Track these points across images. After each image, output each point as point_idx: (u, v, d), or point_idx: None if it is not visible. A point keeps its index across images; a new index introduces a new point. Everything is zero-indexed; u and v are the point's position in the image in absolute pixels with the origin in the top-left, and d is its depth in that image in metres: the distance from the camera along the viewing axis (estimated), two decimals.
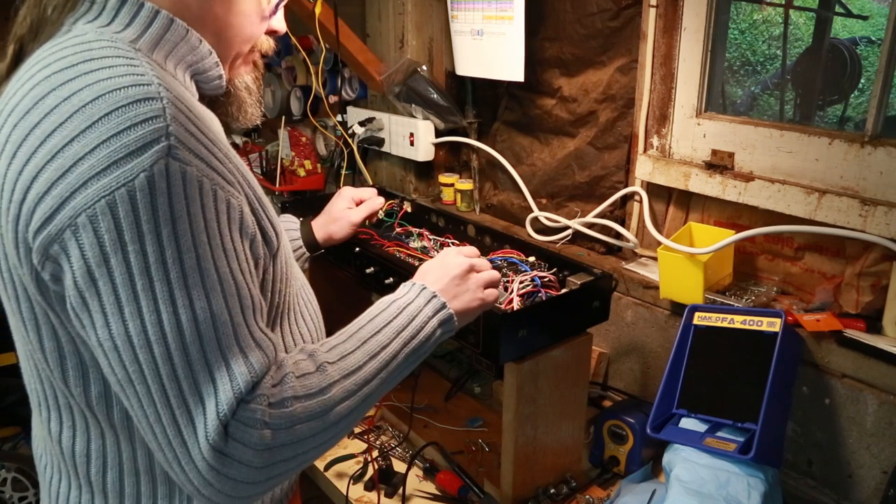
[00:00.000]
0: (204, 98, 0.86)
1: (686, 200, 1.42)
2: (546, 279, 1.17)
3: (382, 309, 0.89)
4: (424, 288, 0.92)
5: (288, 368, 0.75)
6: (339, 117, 2.08)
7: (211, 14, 0.80)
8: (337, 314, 1.66)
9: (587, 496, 1.19)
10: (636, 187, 1.48)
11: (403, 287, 0.93)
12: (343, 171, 2.07)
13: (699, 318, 1.23)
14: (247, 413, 0.69)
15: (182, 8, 0.78)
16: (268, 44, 0.92)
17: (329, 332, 0.89)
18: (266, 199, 0.85)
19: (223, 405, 0.68)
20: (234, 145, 2.59)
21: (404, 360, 0.86)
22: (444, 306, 0.91)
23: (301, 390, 0.74)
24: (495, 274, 1.00)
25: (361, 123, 1.97)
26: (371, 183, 2.02)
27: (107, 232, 0.64)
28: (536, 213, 1.69)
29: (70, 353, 0.74)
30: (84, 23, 0.75)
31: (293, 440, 0.73)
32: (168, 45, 0.77)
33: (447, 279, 0.94)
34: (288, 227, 1.31)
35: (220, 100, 0.90)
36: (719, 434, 1.13)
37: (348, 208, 1.34)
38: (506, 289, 1.15)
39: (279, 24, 0.90)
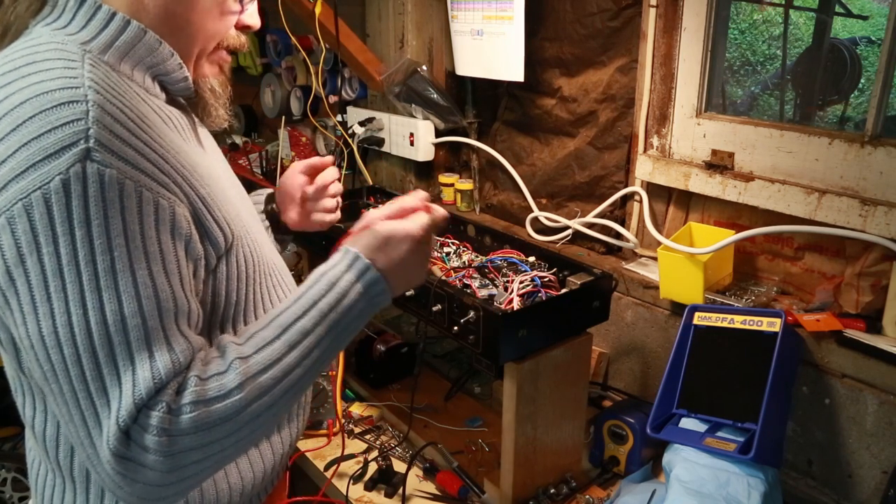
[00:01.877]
0: (174, 101, 0.88)
1: (686, 200, 1.42)
2: (546, 279, 1.17)
3: (310, 285, 0.83)
4: (358, 257, 0.84)
5: (194, 372, 0.73)
6: (339, 117, 2.08)
7: (168, 12, 0.80)
8: None
9: (587, 496, 1.19)
10: (636, 187, 1.48)
11: (338, 254, 0.86)
12: (343, 171, 2.07)
13: (699, 318, 1.23)
14: (146, 419, 0.69)
15: (139, 8, 0.79)
16: (237, 40, 0.90)
17: None
18: (223, 198, 0.84)
19: (123, 411, 0.68)
20: (234, 145, 2.59)
21: (332, 342, 0.82)
22: (377, 278, 0.84)
23: (206, 394, 0.72)
24: (443, 212, 0.94)
25: (361, 123, 1.97)
26: (371, 183, 2.02)
27: (23, 234, 0.66)
28: (536, 213, 1.69)
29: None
30: (43, 25, 0.77)
31: (200, 444, 0.72)
32: (124, 46, 0.78)
33: (381, 243, 0.86)
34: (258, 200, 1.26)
35: (192, 101, 0.91)
36: (719, 434, 1.13)
37: (300, 185, 1.23)
38: (506, 289, 1.15)
39: (251, 19, 0.89)
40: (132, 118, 0.73)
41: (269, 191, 1.28)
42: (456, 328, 1.08)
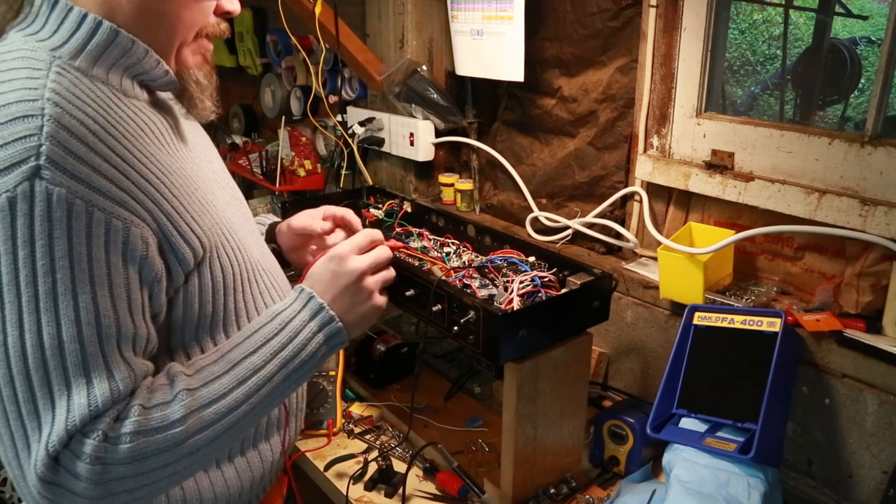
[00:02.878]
0: (157, 101, 0.86)
1: (686, 200, 1.42)
2: (546, 279, 1.17)
3: (264, 323, 0.84)
4: (312, 297, 0.86)
5: (138, 400, 0.72)
6: (339, 117, 2.08)
7: (142, 7, 0.79)
8: None
9: (587, 496, 1.19)
10: (636, 187, 1.48)
11: (293, 293, 0.88)
12: (343, 171, 2.07)
13: (699, 318, 1.23)
14: (80, 447, 0.68)
15: (112, 6, 0.77)
16: (217, 27, 0.88)
17: None
18: (200, 206, 0.82)
19: (54, 436, 0.67)
20: (234, 145, 2.59)
21: (283, 381, 0.82)
22: (332, 319, 0.86)
23: (147, 424, 0.71)
24: (391, 273, 0.95)
25: (361, 123, 1.97)
26: (371, 183, 2.01)
27: None
28: (536, 213, 1.69)
29: None
30: (16, 31, 0.76)
31: (134, 473, 0.71)
32: (95, 50, 0.76)
33: (337, 287, 0.88)
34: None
35: (178, 94, 0.89)
36: (719, 434, 1.13)
37: (319, 236, 1.15)
38: (506, 289, 1.15)
39: (231, 4, 0.87)
40: (94, 131, 0.71)
41: (271, 221, 1.23)
42: (456, 328, 1.08)
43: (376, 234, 0.96)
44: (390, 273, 0.95)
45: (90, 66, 0.76)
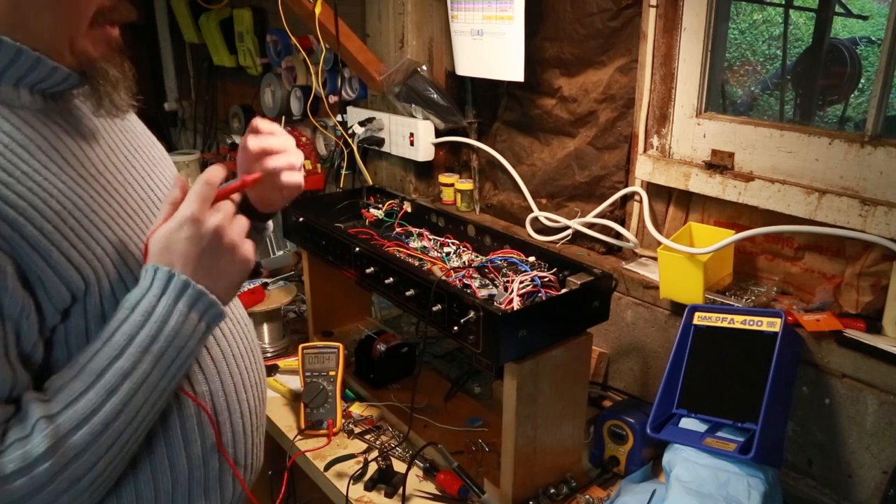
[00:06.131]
0: (55, 107, 0.77)
1: (686, 200, 1.42)
2: (546, 279, 1.17)
3: (122, 319, 0.72)
4: (172, 276, 0.73)
5: None
6: (339, 117, 2.08)
7: (13, 6, 0.70)
8: (337, 314, 1.67)
9: (587, 496, 1.19)
10: (636, 187, 1.48)
11: (145, 275, 0.73)
12: (343, 171, 2.07)
13: (699, 318, 1.23)
14: None
15: None
16: (119, 12, 0.77)
17: (326, 333, 0.83)
18: (82, 237, 0.72)
19: None
20: (234, 145, 2.59)
21: (162, 376, 0.72)
22: (201, 294, 0.74)
23: (4, 469, 0.63)
24: (243, 222, 0.79)
25: (361, 123, 1.97)
26: (371, 183, 2.02)
27: None
28: (536, 213, 1.69)
29: None
30: None
31: None
32: None
33: (198, 254, 0.74)
34: None
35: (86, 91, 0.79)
36: (719, 434, 1.13)
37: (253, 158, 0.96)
38: (506, 289, 1.15)
39: None
40: None
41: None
42: (456, 328, 1.08)
43: (215, 174, 0.78)
44: (242, 220, 0.79)
45: None
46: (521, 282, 1.15)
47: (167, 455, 0.82)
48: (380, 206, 1.60)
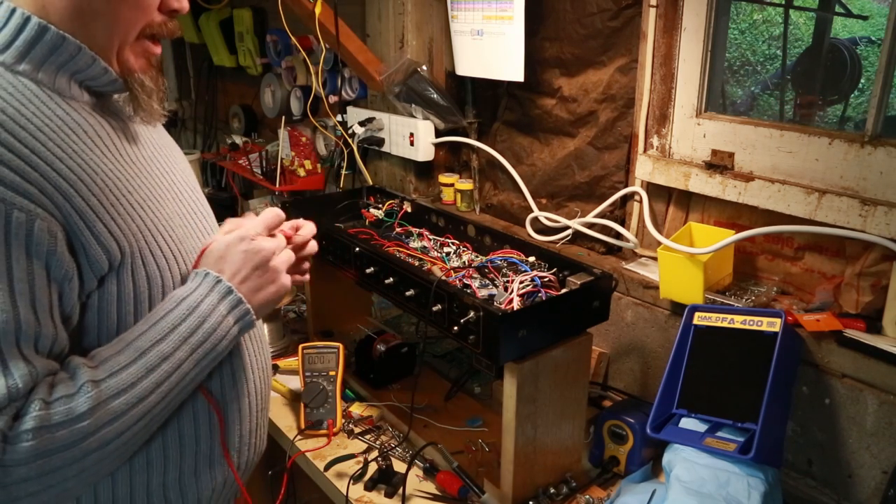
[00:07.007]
0: (104, 104, 0.85)
1: (686, 200, 1.42)
2: (546, 279, 1.17)
3: (169, 309, 0.80)
4: (219, 281, 0.82)
5: (38, 395, 0.69)
6: (339, 117, 2.09)
7: (76, 5, 0.77)
8: (337, 314, 1.67)
9: (587, 496, 1.19)
10: (636, 187, 1.48)
11: (195, 277, 0.83)
12: (343, 171, 2.07)
13: (699, 318, 1.23)
14: None
15: (44, 5, 0.76)
16: (163, 27, 0.85)
17: (326, 333, 0.87)
18: (126, 208, 0.79)
19: None
20: (234, 145, 2.59)
21: (193, 367, 0.80)
22: (240, 302, 0.83)
23: (50, 419, 0.68)
24: (291, 255, 0.91)
25: (361, 123, 1.97)
26: (371, 183, 2.02)
27: None
28: (536, 213, 1.69)
29: None
30: None
31: (38, 474, 0.69)
32: (24, 46, 0.76)
33: (248, 269, 0.85)
34: None
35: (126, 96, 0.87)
36: (719, 434, 1.13)
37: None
38: (506, 289, 1.15)
39: (178, 2, 0.84)
40: (15, 127, 0.70)
41: None
42: (456, 328, 1.08)
43: (281, 211, 0.92)
44: (290, 255, 0.91)
45: (16, 62, 0.75)
46: (521, 282, 1.15)
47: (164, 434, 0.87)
48: (380, 206, 1.60)
